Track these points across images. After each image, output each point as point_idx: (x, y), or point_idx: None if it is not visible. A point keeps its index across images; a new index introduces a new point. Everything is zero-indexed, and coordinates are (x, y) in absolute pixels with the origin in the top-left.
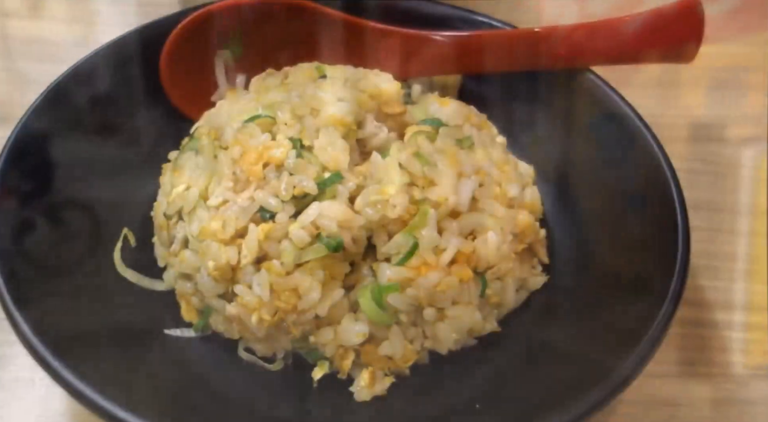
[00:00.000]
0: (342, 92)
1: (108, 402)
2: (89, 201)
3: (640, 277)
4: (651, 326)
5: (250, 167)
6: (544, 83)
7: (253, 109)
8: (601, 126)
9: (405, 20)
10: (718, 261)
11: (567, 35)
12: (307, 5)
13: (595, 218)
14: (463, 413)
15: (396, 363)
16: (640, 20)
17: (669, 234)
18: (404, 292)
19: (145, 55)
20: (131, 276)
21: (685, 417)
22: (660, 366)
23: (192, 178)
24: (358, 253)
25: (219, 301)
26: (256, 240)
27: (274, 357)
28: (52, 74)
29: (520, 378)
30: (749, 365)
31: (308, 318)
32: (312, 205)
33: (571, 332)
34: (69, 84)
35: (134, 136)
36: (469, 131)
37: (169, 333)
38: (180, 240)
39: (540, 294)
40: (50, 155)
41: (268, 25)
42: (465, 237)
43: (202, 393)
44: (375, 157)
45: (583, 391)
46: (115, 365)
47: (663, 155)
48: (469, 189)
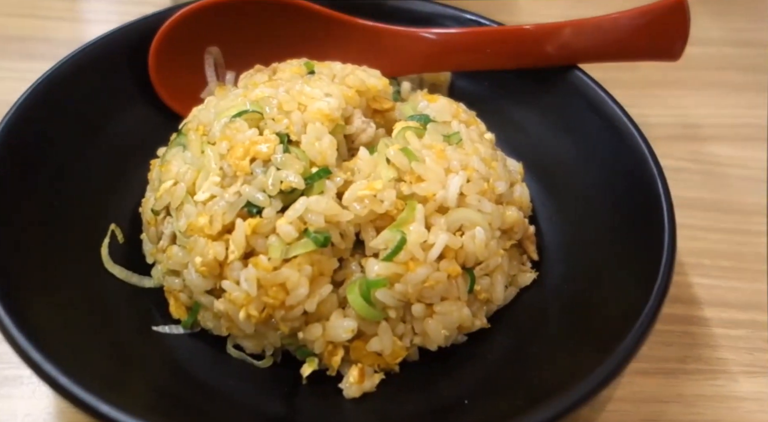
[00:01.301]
0: (330, 88)
1: (94, 399)
2: (77, 197)
3: (627, 275)
4: (637, 322)
5: (238, 162)
6: (532, 81)
7: (240, 105)
8: (589, 124)
9: (394, 18)
10: (706, 258)
11: (555, 33)
12: (296, 2)
13: (584, 216)
14: (453, 409)
15: (385, 359)
16: (627, 18)
17: (656, 231)
18: (392, 288)
19: (134, 51)
20: (119, 272)
21: (674, 413)
22: (649, 363)
23: (180, 174)
24: (347, 249)
25: (207, 297)
26: (243, 236)
27: (263, 353)
28: (41, 72)
29: (508, 374)
30: (738, 361)
31: (296, 314)
32: (299, 200)
33: (560, 328)
34: (56, 80)
35: (122, 131)
36: (458, 127)
37: (157, 330)
38: (168, 236)
39: (529, 290)
40: (37, 151)
41: (257, 22)
42: (453, 232)
43: (190, 390)
44: (363, 153)
45: (570, 386)
46: (102, 362)
47: (650, 153)
48: (457, 184)
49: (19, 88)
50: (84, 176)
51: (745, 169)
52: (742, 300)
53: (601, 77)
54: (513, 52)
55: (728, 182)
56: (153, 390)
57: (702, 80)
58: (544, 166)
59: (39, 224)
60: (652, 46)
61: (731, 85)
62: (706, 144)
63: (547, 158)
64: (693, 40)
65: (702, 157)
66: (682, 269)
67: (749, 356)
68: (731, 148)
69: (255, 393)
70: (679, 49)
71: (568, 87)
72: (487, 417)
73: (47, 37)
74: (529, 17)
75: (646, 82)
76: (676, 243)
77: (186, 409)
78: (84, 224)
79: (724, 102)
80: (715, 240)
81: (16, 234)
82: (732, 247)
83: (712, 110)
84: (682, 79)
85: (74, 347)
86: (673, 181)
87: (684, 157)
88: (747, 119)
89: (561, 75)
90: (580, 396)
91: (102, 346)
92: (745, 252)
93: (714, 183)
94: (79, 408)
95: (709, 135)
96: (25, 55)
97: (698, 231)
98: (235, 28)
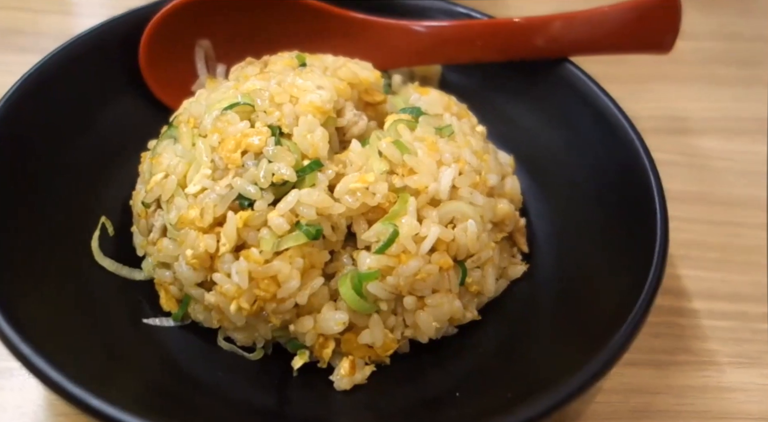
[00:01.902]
0: (321, 80)
1: (83, 392)
2: (67, 189)
3: (619, 267)
4: (629, 315)
5: (229, 155)
6: (523, 74)
7: (232, 97)
8: (580, 117)
9: (386, 10)
10: (695, 250)
11: (546, 26)
12: None
13: (575, 208)
14: (444, 401)
15: (376, 351)
16: (617, 11)
17: (648, 224)
18: (384, 280)
19: (125, 43)
20: (109, 265)
21: (663, 404)
22: (638, 355)
23: (170, 166)
24: (338, 241)
25: (198, 290)
26: (234, 228)
27: (253, 346)
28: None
29: (499, 366)
30: (726, 352)
31: (288, 306)
32: (291, 192)
33: (551, 321)
34: (46, 73)
35: (113, 124)
36: (449, 120)
37: (147, 322)
38: (159, 229)
39: (520, 282)
40: (27, 144)
41: (248, 15)
42: (445, 225)
43: (180, 382)
44: (355, 145)
45: (562, 379)
46: (91, 355)
47: (642, 147)
48: (449, 177)
49: (8, 82)
50: (74, 169)
51: (733, 161)
52: (730, 291)
53: (590, 70)
54: (504, 45)
55: (716, 175)
56: (143, 382)
57: (691, 74)
58: (535, 158)
59: (29, 216)
60: (643, 39)
61: (720, 79)
62: (695, 137)
63: (538, 151)
64: (682, 34)
65: (690, 150)
66: (670, 261)
67: (737, 347)
68: (719, 141)
69: (246, 385)
70: (669, 42)
71: (559, 80)
72: (478, 409)
73: (37, 31)
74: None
75: (634, 75)
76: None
77: (176, 401)
78: (74, 216)
79: (712, 95)
80: (703, 233)
81: (5, 226)
82: (720, 239)
83: (700, 104)
84: (671, 72)
85: (63, 339)
86: (662, 173)
87: (672, 149)
88: (735, 113)
89: (552, 68)
90: (573, 390)
91: (92, 339)
92: (732, 244)
93: (702, 176)
94: (69, 401)
95: (698, 128)
96: (14, 49)
97: (686, 223)
98: (226, 21)
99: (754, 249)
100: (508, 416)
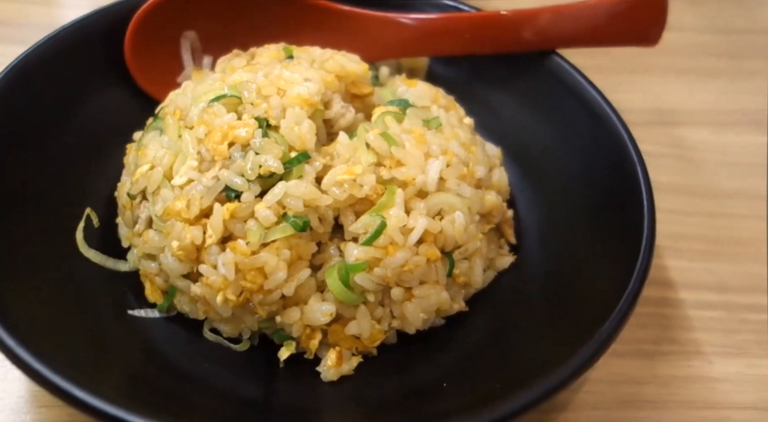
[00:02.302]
0: (309, 73)
1: (68, 384)
2: (51, 181)
3: (606, 258)
4: (617, 305)
5: (216, 146)
6: (511, 66)
7: (218, 89)
8: (568, 109)
9: (373, 3)
10: (682, 242)
11: (533, 18)
12: None
13: (563, 200)
14: (431, 392)
15: (363, 342)
16: (605, 4)
17: (635, 215)
18: (372, 272)
19: (110, 35)
20: (94, 256)
21: (649, 394)
22: (625, 345)
23: (156, 158)
24: (326, 233)
25: (184, 281)
26: (221, 220)
27: (239, 337)
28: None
29: (487, 357)
30: (712, 343)
31: (274, 298)
32: (278, 184)
33: (538, 312)
34: (30, 64)
35: (98, 116)
36: (437, 112)
37: (132, 313)
38: (144, 220)
39: (507, 274)
40: (11, 136)
41: (234, 6)
42: (432, 217)
43: (166, 374)
44: (342, 137)
45: (550, 369)
46: (76, 346)
47: (630, 138)
48: (436, 169)
49: None
50: (59, 160)
51: (721, 153)
52: (717, 282)
53: (578, 62)
54: (491, 38)
55: (704, 167)
56: (128, 374)
57: (678, 66)
58: (522, 150)
59: (13, 207)
60: (630, 31)
61: (707, 71)
62: (682, 129)
63: (526, 143)
64: (669, 26)
65: (678, 142)
66: (657, 252)
67: (723, 337)
68: (707, 133)
69: (231, 376)
70: (656, 35)
71: (546, 72)
72: (466, 400)
73: (22, 22)
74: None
75: (622, 67)
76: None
77: (161, 393)
78: (59, 208)
79: (700, 88)
80: (690, 224)
81: None
82: (707, 231)
83: (687, 96)
84: (658, 65)
85: (48, 331)
86: (649, 165)
87: (660, 141)
88: (723, 105)
89: (540, 60)
90: (561, 380)
91: (76, 330)
92: (719, 236)
93: (689, 167)
94: (54, 393)
95: (685, 120)
96: None
97: (673, 214)
98: (212, 13)
99: (741, 240)
100: (496, 406)
